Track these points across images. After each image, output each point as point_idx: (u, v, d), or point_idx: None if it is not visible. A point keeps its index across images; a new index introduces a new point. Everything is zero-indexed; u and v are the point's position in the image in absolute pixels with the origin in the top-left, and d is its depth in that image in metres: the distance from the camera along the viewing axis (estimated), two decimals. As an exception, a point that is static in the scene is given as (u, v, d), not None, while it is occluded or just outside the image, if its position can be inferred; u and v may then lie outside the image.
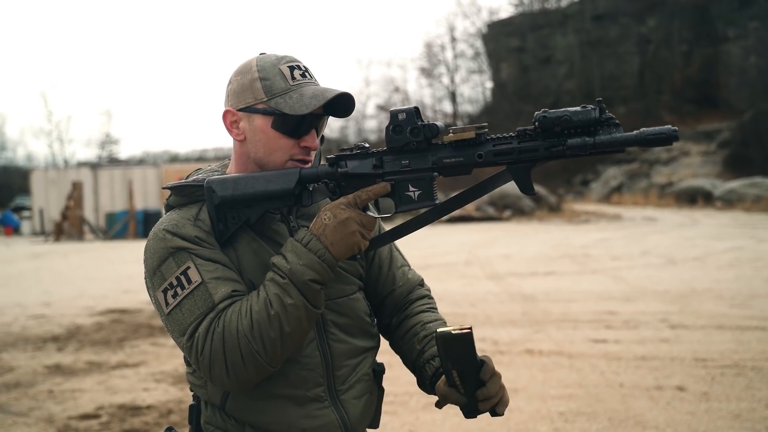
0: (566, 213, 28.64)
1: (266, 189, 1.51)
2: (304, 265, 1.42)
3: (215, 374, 1.42)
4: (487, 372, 1.48)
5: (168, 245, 1.48)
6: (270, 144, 1.55)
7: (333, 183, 1.52)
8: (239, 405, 1.53)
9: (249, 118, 1.56)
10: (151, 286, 1.50)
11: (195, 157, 62.75)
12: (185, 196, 1.58)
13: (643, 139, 1.34)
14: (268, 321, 1.40)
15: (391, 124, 1.47)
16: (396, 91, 60.47)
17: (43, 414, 5.08)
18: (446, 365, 1.46)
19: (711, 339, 6.66)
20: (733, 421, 4.52)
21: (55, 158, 55.60)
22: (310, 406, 1.55)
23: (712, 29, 47.28)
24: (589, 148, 1.36)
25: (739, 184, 31.18)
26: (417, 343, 1.68)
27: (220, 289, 1.44)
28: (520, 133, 1.42)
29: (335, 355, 1.58)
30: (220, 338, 1.40)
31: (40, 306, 9.90)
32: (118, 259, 16.88)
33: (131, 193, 25.63)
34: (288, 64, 1.56)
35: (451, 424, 4.64)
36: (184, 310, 1.44)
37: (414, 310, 1.74)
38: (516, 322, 7.76)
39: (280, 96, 1.53)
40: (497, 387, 1.49)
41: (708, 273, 11.15)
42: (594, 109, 1.36)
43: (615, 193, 39.16)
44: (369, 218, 1.48)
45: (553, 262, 13.17)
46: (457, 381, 1.48)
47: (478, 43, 60.44)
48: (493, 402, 1.50)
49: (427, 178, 1.46)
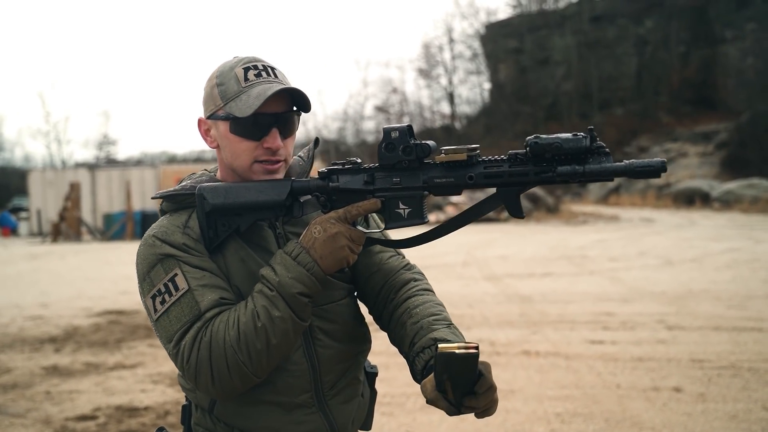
0: (564, 214, 28.67)
1: (257, 199, 1.52)
2: (293, 278, 1.43)
3: (201, 382, 1.43)
4: (483, 385, 1.38)
5: (156, 251, 1.49)
6: (233, 148, 1.55)
7: (324, 197, 1.53)
8: (227, 410, 1.54)
9: (215, 125, 1.58)
10: (142, 292, 1.52)
11: (193, 157, 62.67)
12: (176, 203, 1.59)
13: (631, 170, 1.37)
14: (255, 333, 1.40)
15: (384, 141, 1.47)
16: (394, 92, 60.54)
17: (40, 415, 5.08)
18: (441, 377, 1.37)
19: (708, 340, 6.67)
20: (729, 422, 4.53)
21: (52, 159, 55.58)
22: (298, 412, 1.55)
23: (709, 30, 47.38)
24: (578, 177, 1.38)
25: (737, 185, 31.23)
26: (406, 336, 1.60)
27: (206, 297, 1.45)
28: (511, 157, 1.43)
29: (322, 360, 1.58)
30: (206, 347, 1.41)
31: (38, 307, 9.89)
32: (115, 260, 16.86)
33: (129, 194, 25.60)
34: (244, 65, 1.56)
35: (448, 425, 4.64)
36: (171, 317, 1.45)
37: (400, 299, 1.67)
38: (513, 323, 7.77)
39: (232, 100, 1.53)
40: (489, 400, 1.40)
41: (705, 274, 11.17)
42: (585, 137, 1.37)
43: (613, 194, 39.17)
44: (358, 233, 1.49)
45: (550, 264, 13.19)
46: (449, 391, 1.39)
47: (476, 44, 60.56)
48: (478, 411, 1.42)
49: (418, 196, 1.48)
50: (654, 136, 45.59)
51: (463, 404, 1.38)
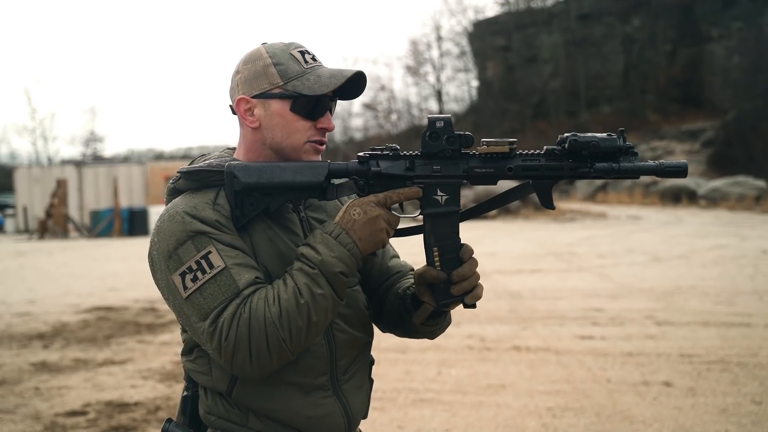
0: (552, 211, 28.73)
1: (293, 180, 1.53)
2: (335, 257, 1.44)
3: (238, 360, 1.41)
4: (466, 252, 1.53)
5: (187, 228, 1.46)
6: (288, 127, 1.56)
7: (363, 181, 1.55)
8: (247, 391, 1.53)
9: (264, 104, 1.57)
10: (165, 269, 1.47)
11: (180, 155, 62.54)
12: (197, 181, 1.57)
13: (661, 170, 1.51)
14: (297, 309, 1.41)
15: (428, 130, 1.53)
16: (382, 89, 60.39)
17: (30, 411, 5.05)
18: (429, 241, 1.53)
19: (696, 335, 6.72)
20: (719, 415, 4.57)
21: (38, 156, 55.07)
22: (315, 394, 1.57)
23: (695, 29, 47.67)
24: (614, 173, 1.51)
25: (723, 183, 31.50)
26: (396, 297, 1.71)
27: (243, 276, 1.44)
28: (548, 152, 1.53)
29: (338, 345, 1.60)
30: (246, 324, 1.40)
31: (25, 304, 9.82)
32: (103, 257, 16.77)
33: (116, 191, 25.44)
34: (297, 49, 1.60)
35: (440, 420, 4.65)
36: (205, 294, 1.43)
37: (395, 283, 1.77)
38: (503, 319, 7.80)
39: (296, 79, 1.55)
40: (474, 268, 1.54)
41: (693, 270, 11.25)
42: (619, 137, 1.50)
43: (600, 192, 39.35)
44: (395, 218, 1.53)
45: (539, 260, 13.23)
46: (436, 259, 1.52)
47: (464, 42, 60.51)
48: (467, 286, 1.53)
49: (456, 184, 1.54)
50: (641, 134, 45.77)
51: (452, 279, 1.52)
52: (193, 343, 1.58)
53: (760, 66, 39.35)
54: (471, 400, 5.04)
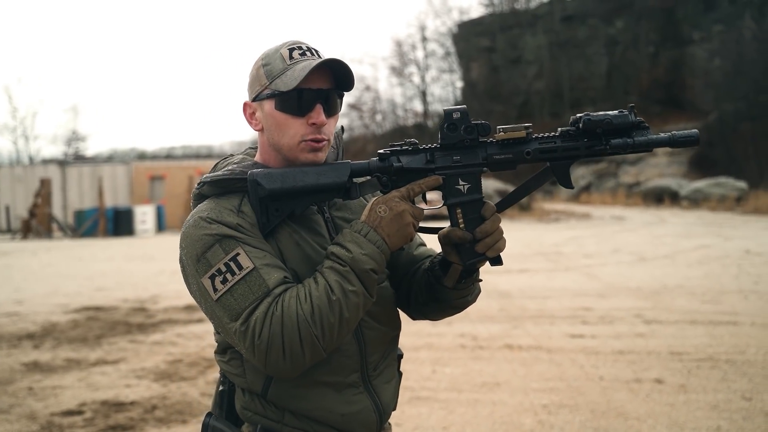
0: (536, 212, 28.91)
1: (317, 182, 1.54)
2: (366, 254, 1.46)
3: (271, 358, 1.42)
4: (488, 209, 1.56)
5: (213, 232, 1.48)
6: (280, 126, 1.57)
7: (386, 177, 1.57)
8: (282, 392, 1.55)
9: (261, 106, 1.60)
10: (194, 273, 1.49)
11: (163, 154, 62.12)
12: (222, 187, 1.58)
13: (674, 141, 1.53)
14: (329, 306, 1.42)
15: (446, 122, 1.55)
16: (367, 89, 60.37)
17: (25, 411, 5.03)
18: (452, 207, 1.56)
19: (685, 333, 6.81)
20: (711, 411, 4.64)
21: (19, 155, 54.51)
22: (347, 392, 1.59)
23: (677, 32, 48.05)
24: (629, 148, 1.53)
25: (705, 184, 31.83)
26: (423, 272, 1.73)
27: (273, 275, 1.45)
28: (563, 133, 1.56)
29: (368, 341, 1.62)
30: (279, 322, 1.40)
31: (12, 303, 9.75)
32: (89, 256, 16.67)
33: (101, 191, 25.28)
34: (289, 46, 1.60)
35: (437, 417, 4.69)
36: (236, 295, 1.44)
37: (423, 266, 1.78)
38: (494, 317, 7.85)
39: (278, 77, 1.56)
40: (497, 224, 1.56)
41: (678, 270, 11.37)
42: (630, 113, 1.52)
43: (584, 193, 39.66)
44: (420, 210, 1.55)
45: (526, 260, 13.31)
46: (459, 218, 1.55)
47: (449, 43, 60.64)
48: (491, 242, 1.55)
49: (477, 172, 1.56)
50: (624, 136, 46.08)
51: (475, 237, 1.54)
52: (226, 344, 1.59)
53: (740, 68, 39.78)
54: (467, 397, 5.08)
